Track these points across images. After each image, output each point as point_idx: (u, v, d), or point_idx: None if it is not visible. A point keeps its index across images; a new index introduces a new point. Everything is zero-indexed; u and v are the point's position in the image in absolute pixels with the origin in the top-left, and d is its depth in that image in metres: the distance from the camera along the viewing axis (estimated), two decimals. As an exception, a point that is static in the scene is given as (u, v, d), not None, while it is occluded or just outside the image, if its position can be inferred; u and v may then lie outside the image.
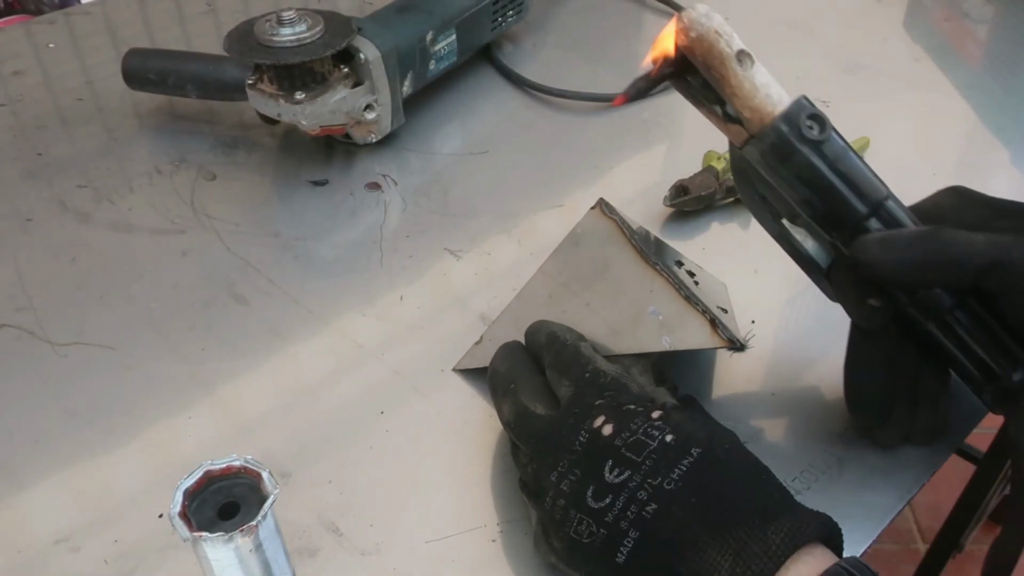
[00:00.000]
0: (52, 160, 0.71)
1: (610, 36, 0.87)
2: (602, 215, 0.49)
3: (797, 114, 0.42)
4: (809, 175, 0.43)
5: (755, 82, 0.42)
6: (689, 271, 0.51)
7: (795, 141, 0.42)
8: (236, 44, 0.63)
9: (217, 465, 0.35)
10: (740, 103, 0.42)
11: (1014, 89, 0.80)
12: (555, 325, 0.49)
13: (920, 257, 0.41)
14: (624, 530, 0.38)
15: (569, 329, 0.48)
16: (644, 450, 0.39)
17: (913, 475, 0.49)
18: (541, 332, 0.48)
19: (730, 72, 0.42)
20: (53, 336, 0.57)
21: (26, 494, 0.48)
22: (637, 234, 0.49)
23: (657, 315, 0.46)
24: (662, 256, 0.50)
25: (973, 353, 0.45)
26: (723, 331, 0.45)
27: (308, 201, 0.67)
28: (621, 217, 0.49)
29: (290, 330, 0.57)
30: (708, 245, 0.63)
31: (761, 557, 0.35)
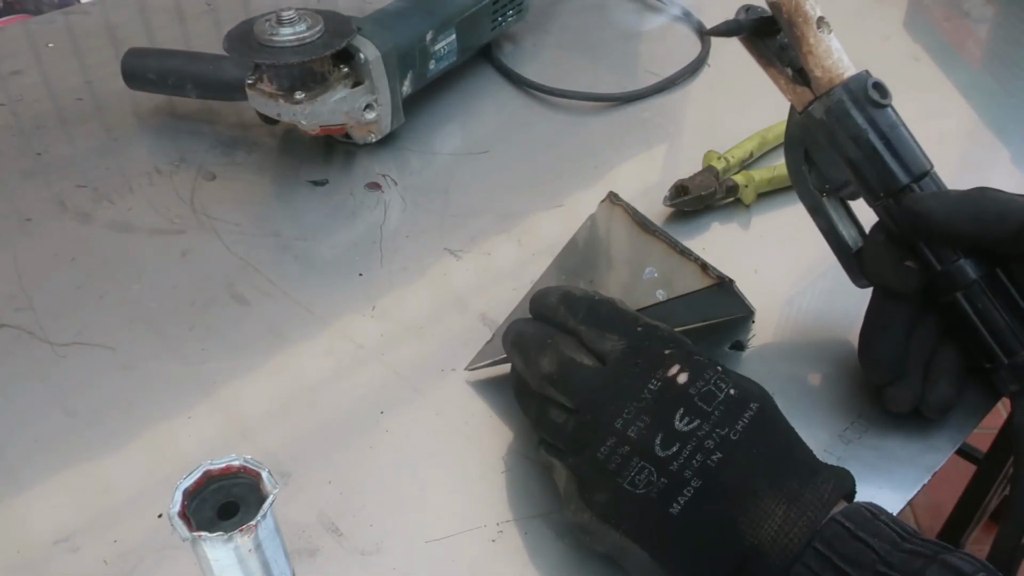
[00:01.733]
0: (51, 160, 0.71)
1: (610, 36, 0.87)
2: (611, 205, 0.54)
3: (864, 80, 0.47)
4: (863, 137, 0.47)
5: (830, 46, 0.48)
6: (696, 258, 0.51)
7: (859, 102, 0.47)
8: (236, 44, 0.63)
9: (216, 465, 0.35)
10: (814, 62, 0.48)
11: (1014, 89, 0.80)
12: (564, 286, 0.48)
13: (970, 208, 0.46)
14: (687, 479, 0.39)
15: (584, 288, 0.48)
16: (714, 400, 0.40)
17: (913, 475, 0.49)
18: (551, 295, 0.47)
19: (811, 32, 0.47)
20: (53, 336, 0.57)
21: (26, 494, 0.48)
22: (637, 213, 0.53)
23: (653, 274, 0.50)
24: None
25: (995, 324, 0.47)
26: (712, 271, 0.49)
27: (308, 201, 0.67)
28: (629, 204, 0.53)
29: (290, 330, 0.57)
30: (708, 245, 0.63)
31: (815, 504, 0.38)
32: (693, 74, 0.81)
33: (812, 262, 0.61)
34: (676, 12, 0.90)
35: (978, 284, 0.47)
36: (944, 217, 0.46)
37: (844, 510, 0.38)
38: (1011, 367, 0.47)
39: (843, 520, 0.37)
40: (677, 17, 0.89)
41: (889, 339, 0.49)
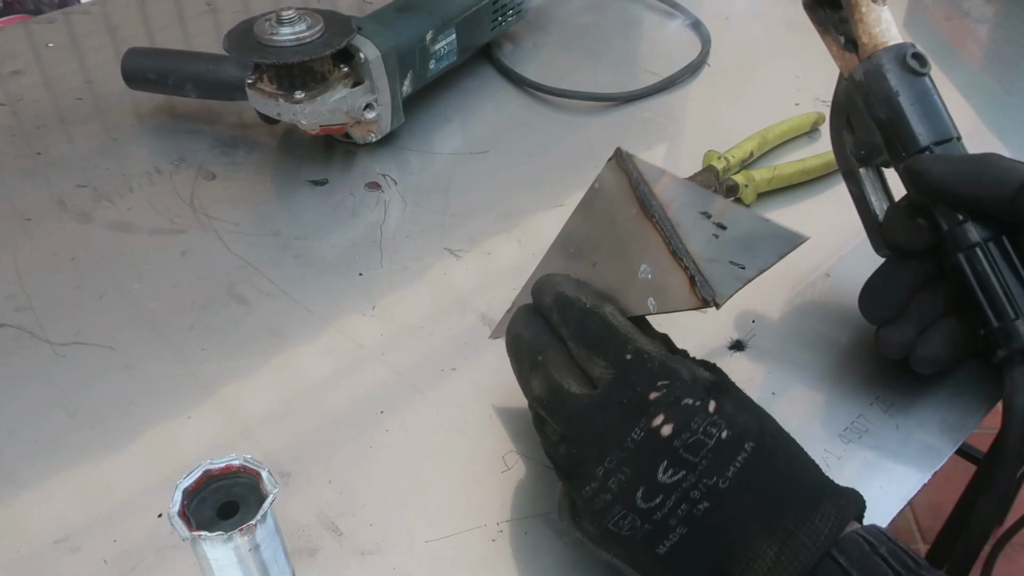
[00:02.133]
0: (51, 160, 0.71)
1: (610, 36, 0.87)
2: (616, 168, 0.46)
3: (905, 48, 0.50)
4: (894, 99, 0.49)
5: (880, 15, 0.51)
6: (719, 223, 0.43)
7: (896, 67, 0.50)
8: (236, 43, 0.63)
9: (216, 464, 0.35)
10: (863, 28, 0.51)
11: (1014, 89, 0.80)
12: (561, 281, 0.44)
13: (968, 170, 0.47)
14: (672, 527, 0.37)
15: (580, 285, 0.44)
16: (702, 450, 0.38)
17: (913, 475, 0.49)
18: (546, 292, 0.44)
19: (865, 2, 0.51)
20: (52, 336, 0.57)
21: (25, 494, 0.48)
22: (649, 183, 0.45)
23: (647, 274, 0.43)
24: (686, 206, 0.44)
25: (991, 288, 0.47)
26: (702, 289, 0.41)
27: (308, 201, 0.67)
28: (635, 165, 0.45)
29: (290, 330, 0.57)
30: (708, 245, 0.63)
31: (808, 545, 0.36)
32: (693, 74, 0.81)
33: (813, 262, 0.61)
34: (676, 12, 0.90)
35: (981, 247, 0.47)
36: (940, 178, 0.47)
37: (841, 544, 0.36)
38: (999, 331, 0.47)
39: (838, 556, 0.36)
40: (677, 17, 0.89)
41: (890, 285, 0.50)
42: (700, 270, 0.41)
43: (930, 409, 0.52)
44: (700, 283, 0.41)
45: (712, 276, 0.41)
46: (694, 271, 0.41)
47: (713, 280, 0.41)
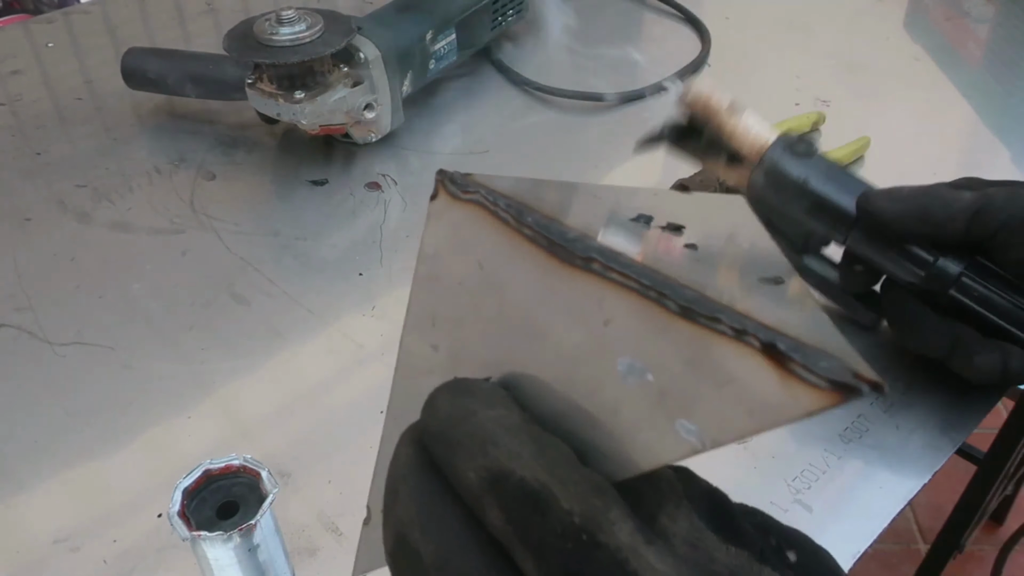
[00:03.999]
0: (51, 160, 0.71)
1: (610, 36, 0.87)
2: (451, 200, 0.27)
3: (787, 139, 0.52)
4: (807, 187, 0.50)
5: (747, 123, 0.52)
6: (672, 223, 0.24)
7: (789, 157, 0.51)
8: (235, 43, 0.63)
9: (216, 464, 0.35)
10: (739, 140, 0.52)
11: (1014, 89, 0.80)
12: (493, 429, 0.22)
13: (918, 207, 0.47)
14: None
15: (532, 434, 0.22)
16: None
17: (913, 475, 0.49)
18: (466, 455, 0.22)
19: (726, 119, 0.53)
20: (52, 336, 0.57)
21: (25, 494, 0.48)
22: (523, 206, 0.25)
23: (640, 373, 0.22)
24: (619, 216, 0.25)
25: (997, 306, 0.47)
26: (811, 365, 0.19)
27: (308, 201, 0.67)
28: (485, 187, 0.26)
29: (290, 330, 0.57)
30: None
31: None
32: (693, 74, 0.81)
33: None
34: (676, 13, 0.90)
35: (965, 275, 0.48)
36: (895, 217, 0.47)
37: None
38: None
39: None
40: (677, 17, 0.89)
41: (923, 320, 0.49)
42: (766, 324, 0.20)
43: (930, 409, 0.52)
44: (802, 355, 0.19)
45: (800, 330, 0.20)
46: (756, 329, 0.20)
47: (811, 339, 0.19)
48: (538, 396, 0.23)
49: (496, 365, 0.24)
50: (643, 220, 0.24)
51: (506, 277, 0.25)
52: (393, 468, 0.23)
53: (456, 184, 0.27)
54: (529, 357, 0.24)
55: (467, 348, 0.26)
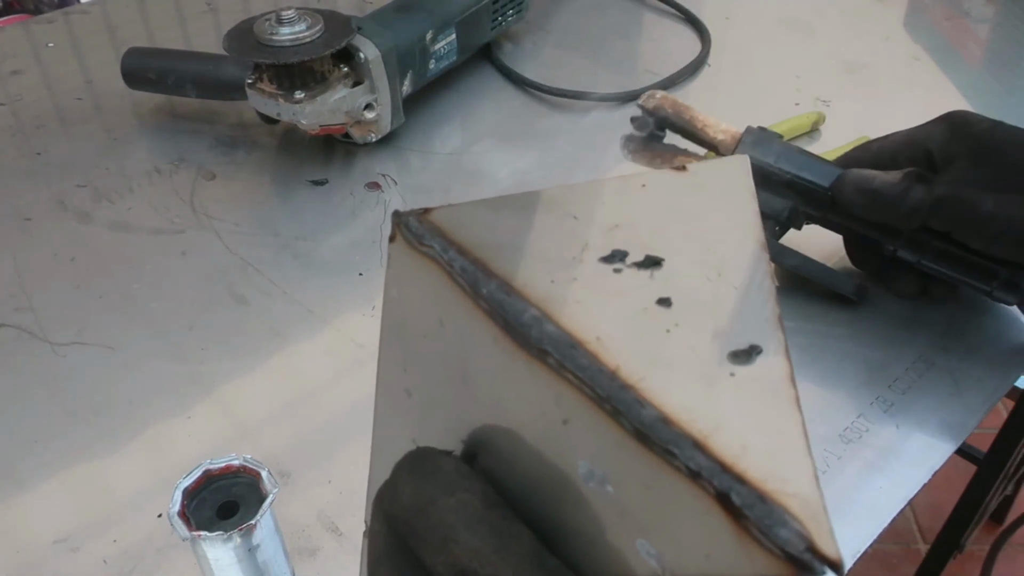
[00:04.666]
0: (51, 160, 0.71)
1: (610, 35, 0.87)
2: (409, 248, 0.24)
3: (756, 128, 0.57)
4: (780, 166, 0.55)
5: (712, 118, 0.58)
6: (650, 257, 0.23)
7: (765, 141, 0.56)
8: (235, 43, 0.63)
9: (216, 464, 0.35)
10: (713, 129, 0.58)
11: (1015, 88, 0.80)
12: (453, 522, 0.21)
13: (880, 204, 0.51)
14: None
15: (491, 527, 0.21)
16: None
17: (913, 475, 0.49)
18: (433, 549, 0.21)
19: (695, 111, 0.58)
20: (52, 336, 0.57)
21: (25, 494, 0.48)
22: (479, 270, 0.23)
23: (603, 484, 0.20)
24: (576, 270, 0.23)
25: (970, 263, 0.53)
26: (766, 530, 0.17)
27: (308, 201, 0.67)
28: (441, 237, 0.24)
29: (290, 330, 0.57)
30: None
31: None
32: (693, 74, 0.81)
33: (812, 262, 0.61)
34: (676, 13, 0.90)
35: (922, 263, 0.54)
36: (862, 210, 0.52)
37: None
38: (1002, 284, 0.53)
39: None
40: (677, 17, 0.89)
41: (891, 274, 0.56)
42: (723, 463, 0.18)
43: (930, 409, 0.52)
44: (754, 510, 0.18)
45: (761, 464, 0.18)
46: (712, 474, 0.18)
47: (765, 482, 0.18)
48: (509, 457, 0.22)
49: (466, 422, 0.24)
50: (616, 257, 0.23)
51: (467, 344, 0.23)
52: (371, 546, 0.24)
53: (412, 232, 0.24)
54: (496, 421, 0.23)
55: (437, 400, 0.25)
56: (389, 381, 0.27)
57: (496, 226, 0.24)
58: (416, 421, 0.25)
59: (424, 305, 0.24)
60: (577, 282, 0.22)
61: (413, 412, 0.26)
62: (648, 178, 0.24)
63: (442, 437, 0.24)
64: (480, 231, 0.24)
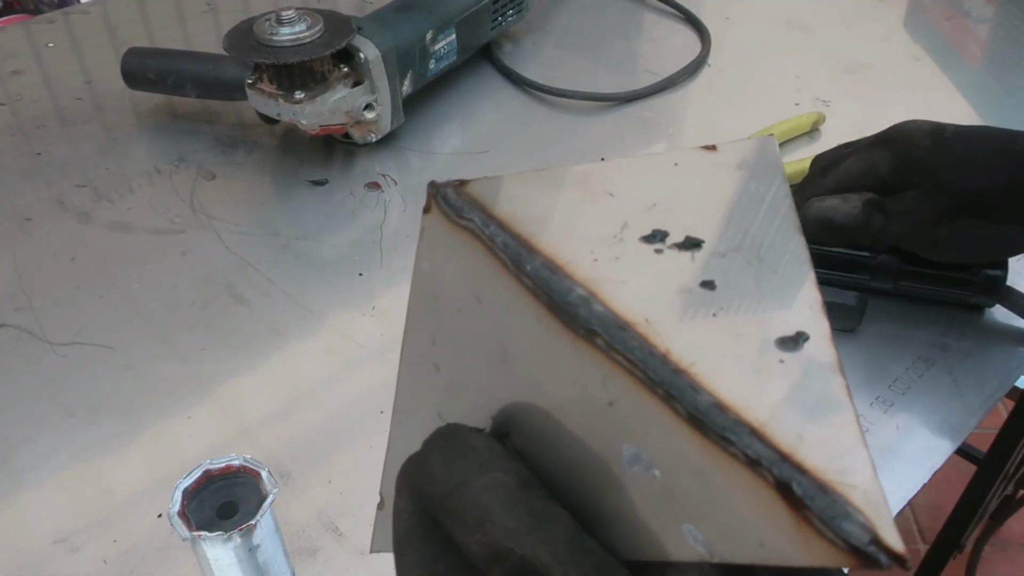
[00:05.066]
0: (51, 160, 0.71)
1: (610, 35, 0.87)
2: (446, 220, 0.24)
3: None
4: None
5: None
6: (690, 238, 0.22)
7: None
8: (235, 43, 0.63)
9: (216, 464, 0.35)
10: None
11: (1015, 88, 0.80)
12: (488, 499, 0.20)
13: (843, 239, 0.54)
14: None
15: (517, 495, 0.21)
16: None
17: (913, 475, 0.49)
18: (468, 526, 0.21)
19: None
20: (52, 336, 0.57)
21: (25, 494, 0.48)
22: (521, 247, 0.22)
23: (646, 467, 0.20)
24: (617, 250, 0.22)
25: (943, 278, 0.56)
26: (828, 521, 0.17)
27: (308, 201, 0.67)
28: (481, 211, 0.23)
29: (290, 330, 0.57)
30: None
31: None
32: (693, 74, 0.81)
33: (812, 262, 0.61)
34: (676, 13, 0.90)
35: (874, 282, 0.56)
36: (825, 241, 0.55)
37: None
38: (978, 289, 0.55)
39: None
40: (677, 17, 0.89)
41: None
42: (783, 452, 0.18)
43: (930, 409, 0.52)
44: (816, 500, 0.18)
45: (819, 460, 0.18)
46: (772, 463, 0.18)
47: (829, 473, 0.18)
48: (544, 437, 0.22)
49: (498, 399, 0.23)
50: (657, 237, 0.22)
51: (506, 321, 0.23)
52: (396, 523, 0.23)
53: (450, 205, 0.24)
54: (532, 401, 0.22)
55: (468, 376, 0.24)
56: (416, 354, 0.25)
57: (534, 201, 0.24)
58: (443, 395, 0.24)
59: (460, 279, 0.24)
60: (620, 261, 0.22)
61: (440, 386, 0.25)
62: (680, 156, 0.24)
63: (472, 414, 0.23)
64: (519, 205, 0.23)
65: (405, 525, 0.22)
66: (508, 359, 0.23)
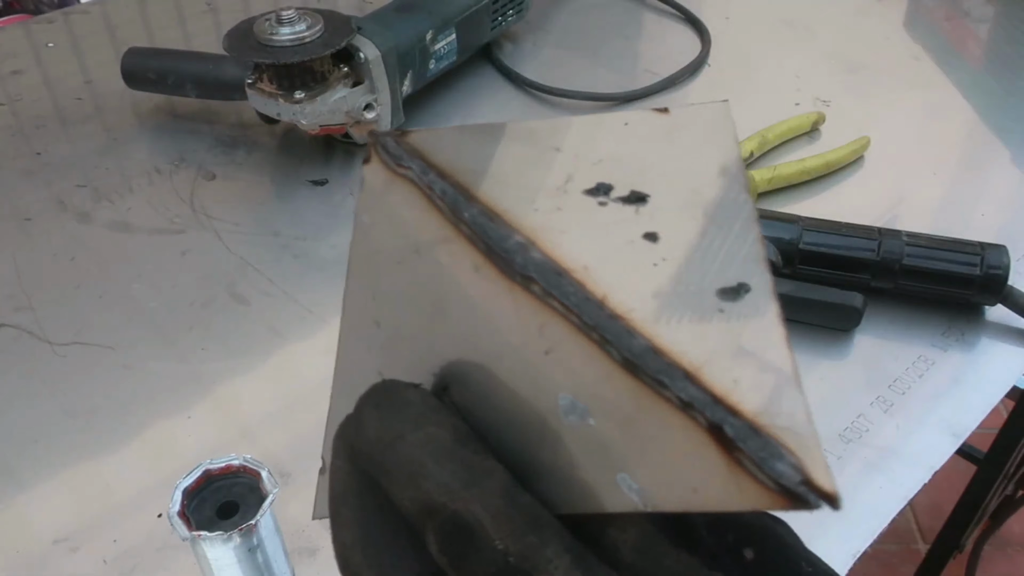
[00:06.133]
0: (51, 160, 0.71)
1: (610, 35, 0.87)
2: (386, 170, 0.24)
3: None
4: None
5: None
6: (635, 192, 0.22)
7: None
8: (235, 43, 0.63)
9: (216, 464, 0.35)
10: None
11: (1014, 88, 0.80)
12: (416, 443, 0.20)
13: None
14: None
15: (463, 458, 0.20)
16: None
17: (913, 475, 0.49)
18: (398, 476, 0.20)
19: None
20: (52, 336, 0.57)
21: (25, 494, 0.48)
22: (459, 194, 0.22)
23: (580, 415, 0.20)
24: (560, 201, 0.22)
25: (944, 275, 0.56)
26: (760, 462, 0.17)
27: (308, 201, 0.67)
28: (421, 159, 0.23)
29: (290, 330, 0.57)
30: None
31: None
32: (693, 74, 0.81)
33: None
34: (676, 13, 0.90)
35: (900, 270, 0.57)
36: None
37: None
38: (980, 288, 0.55)
39: None
40: (677, 17, 0.89)
41: None
42: (715, 394, 0.18)
43: (930, 409, 0.52)
44: (748, 442, 0.17)
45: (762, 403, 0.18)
46: (704, 405, 0.18)
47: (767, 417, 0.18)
48: (483, 391, 0.21)
49: (438, 354, 0.22)
50: (601, 191, 0.22)
51: (444, 272, 0.22)
52: (332, 484, 0.23)
53: (389, 153, 0.24)
54: (470, 354, 0.22)
55: (407, 331, 0.23)
56: (356, 311, 0.25)
57: (478, 153, 0.23)
58: (383, 353, 0.24)
59: (398, 231, 0.23)
60: (562, 212, 0.22)
61: (380, 343, 0.24)
62: (630, 116, 0.24)
63: (411, 370, 0.23)
64: (461, 156, 0.23)
65: (341, 485, 0.22)
66: (446, 312, 0.22)
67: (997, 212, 0.66)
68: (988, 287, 0.55)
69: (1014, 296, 0.55)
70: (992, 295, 0.55)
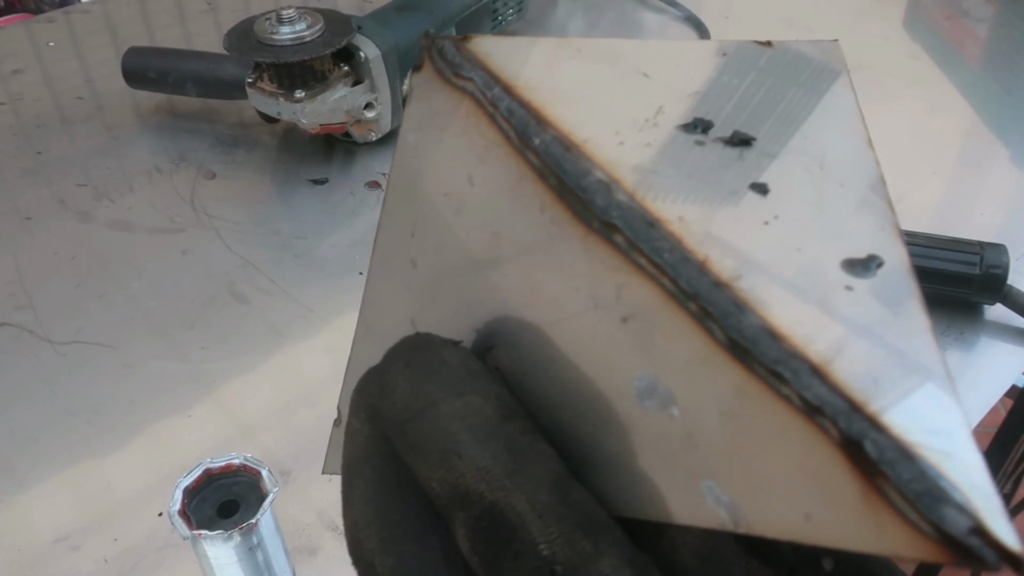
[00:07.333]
0: (52, 159, 0.71)
1: (610, 34, 0.87)
2: (440, 80, 0.20)
3: None
4: None
5: None
6: (738, 134, 0.18)
7: None
8: (236, 42, 0.63)
9: (217, 463, 0.35)
10: None
11: (1014, 88, 0.80)
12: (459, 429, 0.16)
13: None
14: None
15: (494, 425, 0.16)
16: None
17: (913, 474, 0.49)
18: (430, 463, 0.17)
19: None
20: (53, 335, 0.57)
21: (26, 493, 0.48)
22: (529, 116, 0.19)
23: (666, 405, 0.16)
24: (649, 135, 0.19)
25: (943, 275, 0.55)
26: (912, 497, 0.13)
27: (308, 200, 0.67)
28: (485, 71, 0.20)
29: (290, 329, 0.57)
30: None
31: None
32: (693, 73, 0.81)
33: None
34: (676, 12, 0.90)
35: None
36: None
37: None
38: (979, 288, 0.55)
39: None
40: (677, 17, 0.89)
41: None
42: (852, 398, 0.14)
43: (929, 408, 0.52)
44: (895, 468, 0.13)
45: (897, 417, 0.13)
46: (837, 412, 0.14)
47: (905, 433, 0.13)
48: (534, 356, 0.18)
49: (484, 307, 0.19)
50: (699, 127, 0.18)
51: (502, 209, 0.18)
52: (348, 449, 0.19)
53: (447, 61, 0.20)
54: (524, 312, 0.18)
55: (450, 276, 0.20)
56: (391, 246, 0.21)
57: (551, 68, 0.19)
58: (419, 299, 0.20)
59: (450, 155, 0.19)
60: (652, 148, 0.18)
61: (416, 287, 0.20)
62: (728, 46, 0.20)
63: (450, 323, 0.19)
64: (532, 70, 0.19)
65: (359, 451, 0.18)
66: (499, 257, 0.18)
67: (996, 211, 0.66)
68: (987, 286, 0.55)
69: (1013, 295, 0.55)
70: (991, 294, 0.55)
